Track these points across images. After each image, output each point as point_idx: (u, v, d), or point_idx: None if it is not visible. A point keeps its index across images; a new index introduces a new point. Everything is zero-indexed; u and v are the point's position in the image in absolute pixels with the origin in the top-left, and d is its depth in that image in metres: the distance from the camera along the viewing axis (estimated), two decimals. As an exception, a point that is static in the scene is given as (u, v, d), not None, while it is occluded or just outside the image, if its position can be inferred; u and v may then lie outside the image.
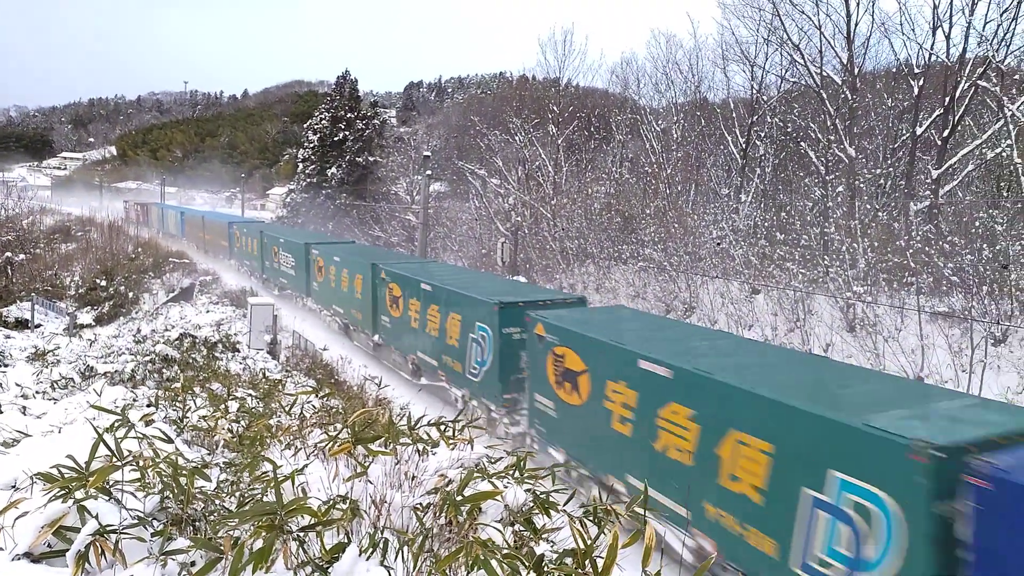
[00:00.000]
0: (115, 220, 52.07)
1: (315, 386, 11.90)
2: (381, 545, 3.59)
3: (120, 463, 3.97)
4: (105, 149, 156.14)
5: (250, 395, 9.71)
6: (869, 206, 23.11)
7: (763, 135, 31.14)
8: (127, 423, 4.93)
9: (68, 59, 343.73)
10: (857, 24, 25.11)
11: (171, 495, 3.92)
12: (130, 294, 31.26)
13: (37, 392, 11.78)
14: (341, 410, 8.27)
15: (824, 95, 25.52)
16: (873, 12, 25.58)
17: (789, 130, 30.40)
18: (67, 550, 3.31)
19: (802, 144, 28.27)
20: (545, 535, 3.97)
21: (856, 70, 25.72)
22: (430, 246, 33.02)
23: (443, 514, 4.06)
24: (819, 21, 25.60)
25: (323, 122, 52.59)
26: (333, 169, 50.79)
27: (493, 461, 5.00)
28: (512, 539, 3.84)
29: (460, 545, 3.51)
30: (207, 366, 14.77)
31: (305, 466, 4.72)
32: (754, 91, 31.51)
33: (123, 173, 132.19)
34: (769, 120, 31.11)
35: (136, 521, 3.53)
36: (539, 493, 4.42)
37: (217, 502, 4.19)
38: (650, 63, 49.36)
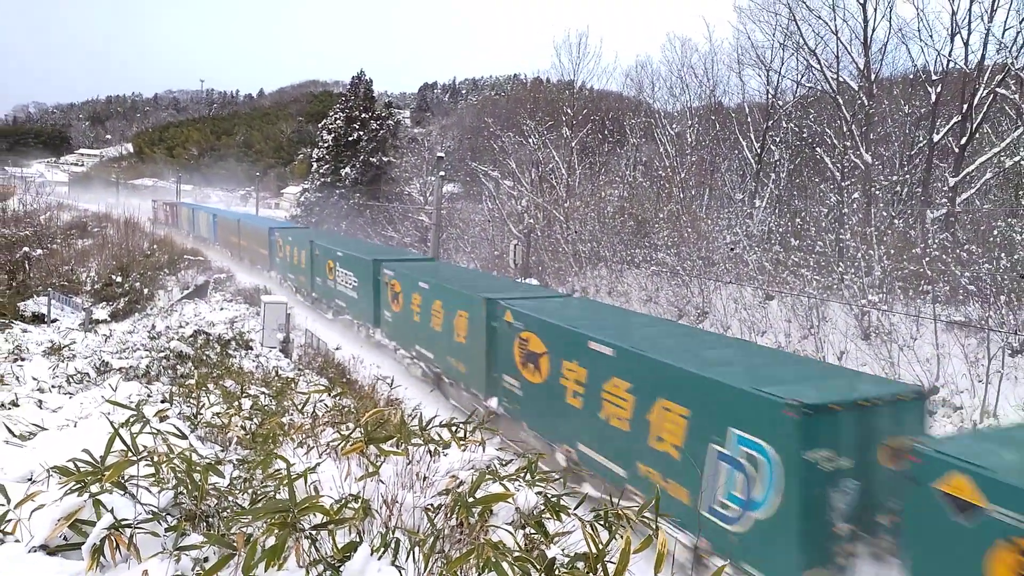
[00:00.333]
0: (140, 219, 50.26)
1: (327, 385, 11.95)
2: (392, 545, 3.60)
3: (135, 458, 4.00)
4: (122, 146, 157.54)
5: (263, 393, 9.77)
6: (885, 213, 22.92)
7: (778, 140, 30.98)
8: (142, 419, 4.97)
9: (87, 57, 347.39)
10: (874, 30, 24.96)
11: (185, 491, 3.94)
12: (145, 290, 31.52)
13: (53, 386, 11.88)
14: (353, 409, 8.30)
15: (840, 101, 25.36)
16: (890, 18, 25.58)
17: (805, 135, 30.22)
18: (82, 543, 3.35)
19: (818, 150, 28.11)
20: (556, 539, 3.97)
21: (873, 76, 25.55)
22: (442, 247, 33.08)
23: (454, 515, 4.06)
24: (836, 26, 25.47)
25: (338, 122, 52.87)
26: (347, 169, 51.02)
27: (504, 463, 5.00)
28: (523, 542, 3.84)
29: (471, 547, 3.51)
30: (220, 363, 14.86)
31: (317, 464, 4.74)
32: (769, 96, 31.36)
33: (140, 170, 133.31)
34: (784, 125, 30.94)
35: (150, 516, 3.56)
36: (550, 496, 4.41)
37: (230, 499, 4.21)
38: (665, 67, 49.17)
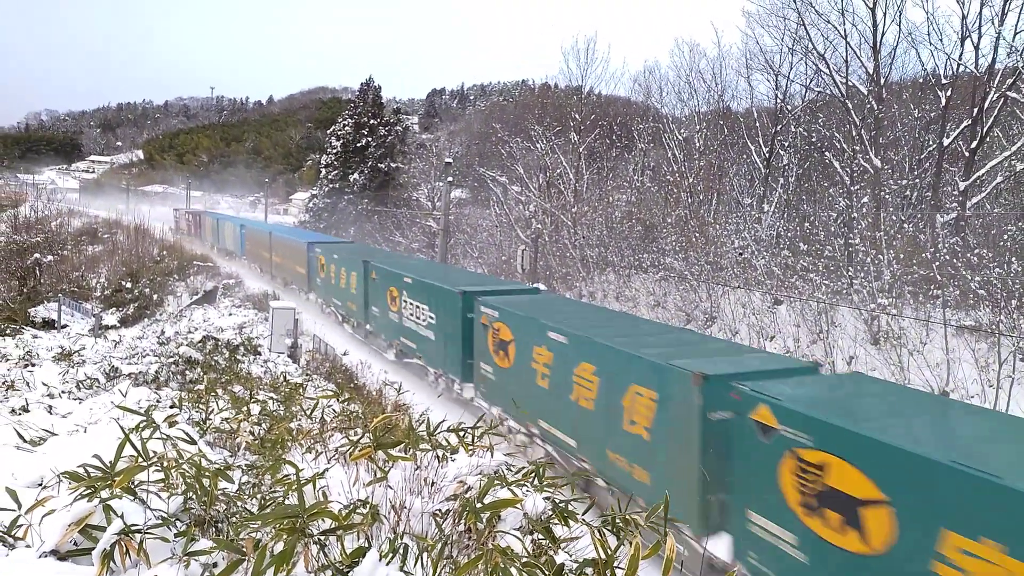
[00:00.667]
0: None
1: (335, 390, 11.97)
2: (401, 551, 3.60)
3: (145, 464, 4.02)
4: (133, 153, 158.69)
5: (271, 398, 9.80)
6: (895, 217, 22.82)
7: (787, 145, 30.89)
8: (152, 424, 4.99)
9: (97, 65, 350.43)
10: (884, 34, 24.89)
11: (194, 496, 3.96)
12: (155, 296, 31.72)
13: (63, 392, 11.97)
14: (361, 415, 8.31)
15: (849, 105, 25.27)
16: (900, 22, 25.30)
17: (813, 140, 30.13)
18: (93, 549, 3.36)
19: (827, 154, 28.01)
20: (564, 544, 3.96)
21: (882, 80, 25.46)
22: (450, 252, 33.12)
23: (462, 521, 4.06)
24: (845, 30, 25.40)
25: (346, 128, 53.07)
26: (355, 175, 51.21)
27: (512, 470, 4.99)
28: (531, 548, 3.83)
29: (479, 553, 3.51)
30: (229, 368, 14.91)
31: (326, 470, 4.75)
32: (778, 100, 31.29)
33: (150, 177, 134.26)
34: (793, 130, 30.86)
35: (160, 521, 3.57)
36: (558, 502, 4.40)
37: (239, 504, 4.22)
38: (673, 72, 49.15)
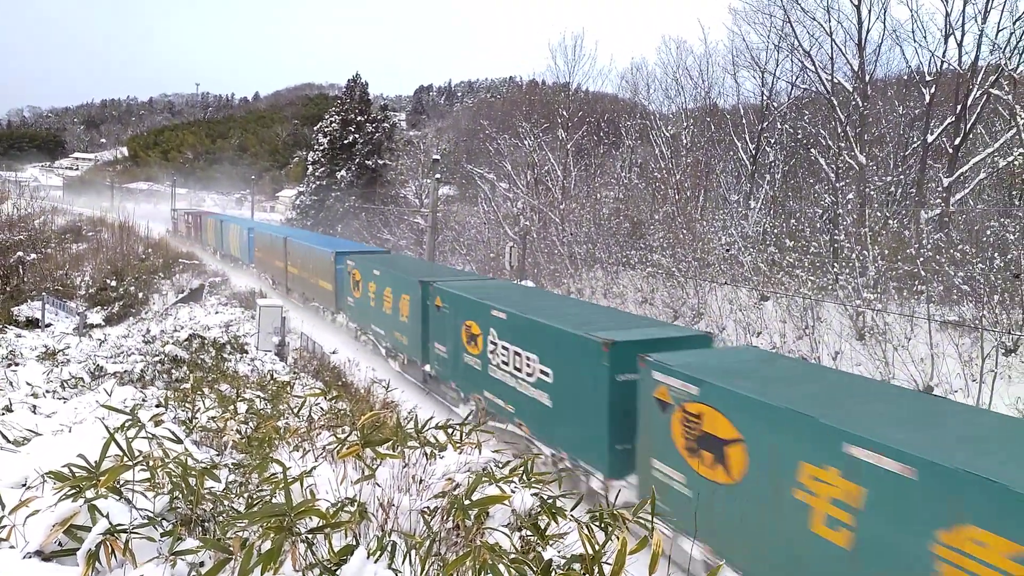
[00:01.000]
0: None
1: (323, 388, 11.94)
2: (389, 548, 3.59)
3: (131, 463, 3.99)
4: (117, 150, 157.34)
5: (258, 396, 9.75)
6: (879, 214, 22.99)
7: (773, 141, 31.06)
8: (137, 423, 4.95)
9: (81, 60, 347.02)
10: (868, 31, 25.08)
11: (181, 495, 3.93)
12: (140, 294, 31.45)
13: (47, 391, 11.85)
14: (349, 413, 8.29)
15: (835, 102, 25.44)
16: (885, 19, 25.49)
17: (799, 137, 30.30)
18: (78, 549, 3.33)
19: (812, 151, 28.19)
20: (552, 540, 3.97)
21: (867, 77, 25.65)
22: (438, 250, 33.06)
23: (450, 518, 4.06)
24: (830, 28, 25.56)
25: (333, 125, 52.85)
26: (343, 172, 51.01)
27: (501, 465, 5.00)
28: (519, 544, 3.84)
29: (468, 549, 3.51)
30: (216, 367, 14.83)
31: (313, 468, 4.73)
32: (764, 97, 31.45)
33: (134, 174, 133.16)
34: (779, 126, 31.03)
35: (146, 521, 3.54)
36: (546, 498, 4.41)
37: (226, 503, 4.21)
38: (660, 68, 49.18)
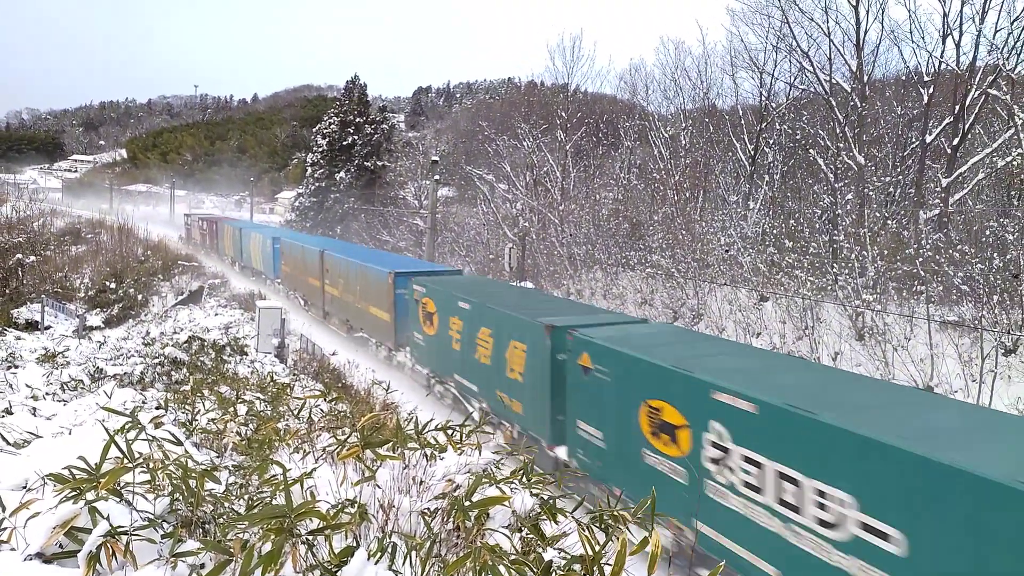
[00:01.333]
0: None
1: (323, 390, 11.94)
2: (389, 550, 3.60)
3: (131, 465, 3.99)
4: (116, 152, 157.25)
5: (258, 398, 9.75)
6: (878, 214, 23.02)
7: (772, 142, 31.10)
8: (137, 425, 4.95)
9: (79, 62, 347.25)
10: (866, 31, 25.12)
11: (181, 497, 3.94)
12: (139, 297, 31.44)
13: (47, 393, 11.83)
14: (349, 414, 8.29)
15: (833, 102, 25.47)
16: (883, 20, 25.52)
17: (798, 137, 30.35)
18: (78, 551, 3.34)
19: (811, 151, 28.22)
20: (553, 541, 3.98)
21: (865, 77, 25.69)
22: (437, 251, 33.05)
23: (451, 519, 4.07)
24: (828, 28, 25.60)
25: (332, 126, 52.83)
26: (342, 173, 50.98)
27: (501, 467, 5.01)
28: (520, 545, 3.84)
29: (468, 551, 3.52)
30: (216, 369, 14.82)
31: (313, 470, 4.73)
32: (763, 98, 31.50)
33: (133, 176, 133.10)
34: (778, 127, 31.07)
35: (146, 523, 3.55)
36: (546, 499, 4.42)
37: (227, 505, 4.21)
38: (659, 69, 49.43)
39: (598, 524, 3.90)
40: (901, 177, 25.42)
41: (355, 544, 3.61)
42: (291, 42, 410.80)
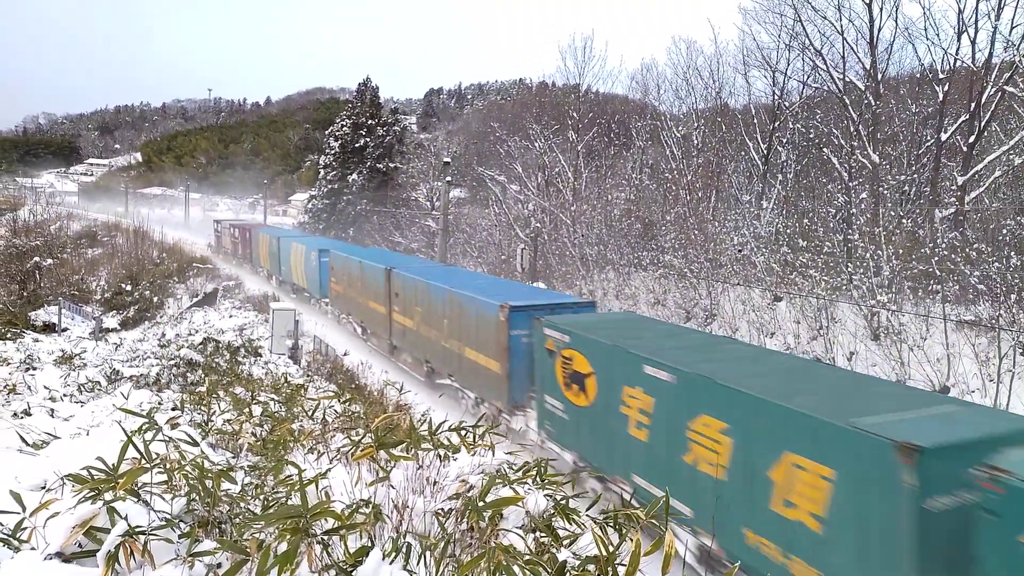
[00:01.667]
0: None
1: (337, 391, 12.00)
2: (404, 550, 3.62)
3: (148, 466, 4.04)
4: (131, 155, 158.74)
5: (273, 399, 9.82)
6: (893, 213, 22.81)
7: (785, 141, 30.90)
8: (154, 426, 5.01)
9: (95, 67, 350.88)
10: (880, 29, 24.88)
11: (198, 497, 3.97)
12: (155, 299, 31.74)
13: (65, 395, 11.97)
14: (363, 415, 8.33)
15: (847, 101, 25.28)
16: (896, 17, 25.27)
17: (811, 136, 30.13)
18: (97, 550, 3.38)
19: (825, 150, 28.01)
20: (566, 542, 3.98)
21: (879, 75, 25.46)
22: (449, 252, 33.11)
23: (465, 520, 4.08)
24: (841, 26, 25.39)
25: (344, 129, 53.03)
26: (354, 175, 51.17)
27: (514, 468, 5.01)
28: (533, 545, 3.85)
29: (482, 551, 3.53)
30: (230, 370, 14.93)
31: (328, 470, 4.76)
32: (776, 97, 31.30)
33: (148, 179, 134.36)
34: (791, 126, 30.87)
35: (164, 523, 3.59)
36: (560, 499, 4.42)
37: (243, 505, 4.24)
38: (670, 69, 48.96)
39: (612, 524, 3.90)
40: (916, 175, 25.18)
41: (370, 544, 3.63)
42: (304, 46, 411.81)
